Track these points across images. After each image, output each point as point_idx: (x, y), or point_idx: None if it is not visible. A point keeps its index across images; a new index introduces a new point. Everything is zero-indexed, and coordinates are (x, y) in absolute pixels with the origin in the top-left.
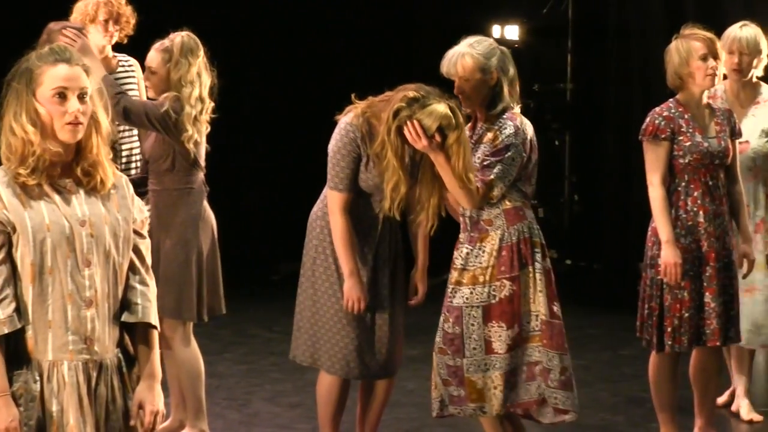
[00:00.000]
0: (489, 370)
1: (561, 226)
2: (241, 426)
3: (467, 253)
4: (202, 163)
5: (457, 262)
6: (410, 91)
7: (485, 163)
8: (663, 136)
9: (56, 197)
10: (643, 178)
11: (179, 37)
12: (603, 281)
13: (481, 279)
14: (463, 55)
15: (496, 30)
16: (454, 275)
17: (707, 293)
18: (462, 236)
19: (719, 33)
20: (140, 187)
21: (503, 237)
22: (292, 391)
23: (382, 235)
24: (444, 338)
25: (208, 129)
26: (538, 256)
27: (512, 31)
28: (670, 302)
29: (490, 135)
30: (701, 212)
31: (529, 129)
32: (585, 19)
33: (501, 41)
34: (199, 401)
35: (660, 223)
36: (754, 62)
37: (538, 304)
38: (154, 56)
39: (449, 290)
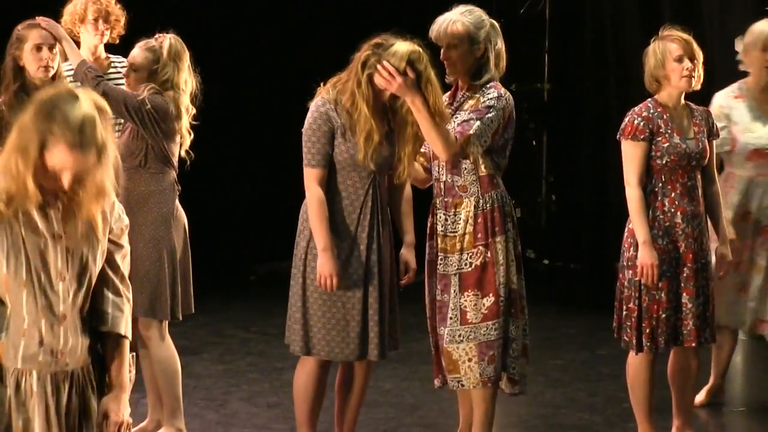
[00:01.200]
0: (463, 341)
1: (538, 226)
2: (219, 426)
3: (445, 219)
4: (175, 162)
5: (439, 228)
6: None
7: (464, 119)
8: (642, 136)
9: (34, 212)
10: (620, 179)
11: (167, 40)
12: (580, 281)
13: (458, 246)
14: (453, 22)
15: None
16: (438, 243)
17: (684, 294)
18: (435, 201)
19: (697, 32)
20: None
21: (478, 204)
22: (270, 391)
23: (368, 214)
24: (436, 306)
25: (192, 135)
26: (510, 225)
27: None
28: (647, 303)
29: (471, 102)
30: (678, 213)
31: (511, 102)
32: (562, 19)
33: None
34: (176, 400)
35: (637, 223)
36: None
37: (511, 273)
38: (137, 53)
39: (439, 258)
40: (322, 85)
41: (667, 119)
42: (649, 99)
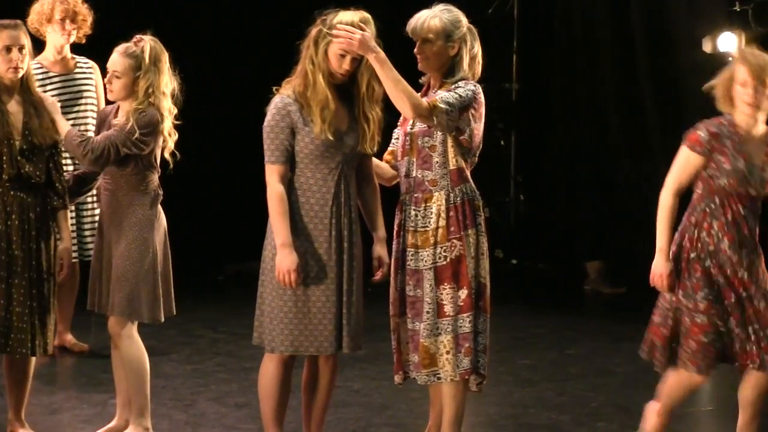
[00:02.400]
0: (441, 334)
1: (507, 226)
2: (187, 426)
3: (415, 215)
4: (157, 165)
5: (408, 224)
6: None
7: (434, 93)
8: (699, 149)
9: None
10: (587, 179)
11: (147, 44)
12: (549, 281)
13: (431, 240)
14: (432, 17)
15: None
16: (408, 238)
17: (732, 319)
18: (404, 198)
19: (666, 33)
20: (88, 183)
21: (449, 197)
22: (238, 391)
23: (336, 210)
24: (408, 301)
25: (176, 136)
26: (480, 219)
27: None
28: (688, 325)
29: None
30: (726, 239)
31: (481, 95)
32: (530, 19)
33: None
34: (144, 399)
35: (659, 229)
36: None
37: (481, 267)
38: (119, 60)
39: (409, 254)
40: (275, 90)
41: (736, 141)
42: (726, 115)
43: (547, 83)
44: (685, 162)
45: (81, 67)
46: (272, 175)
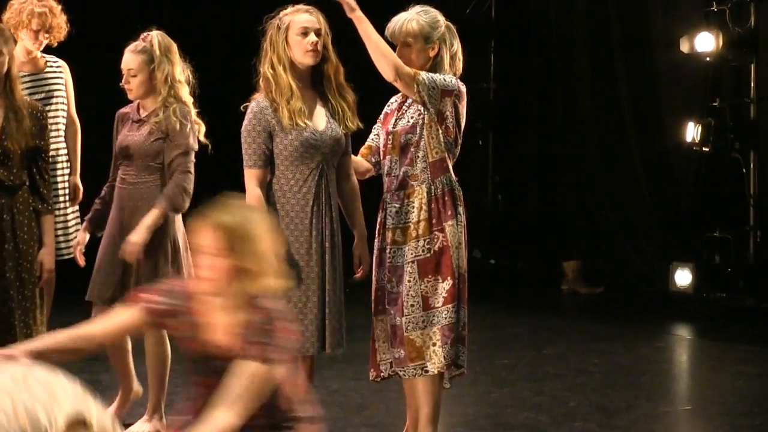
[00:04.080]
0: (427, 326)
1: (484, 226)
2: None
3: (396, 211)
4: None
5: (389, 221)
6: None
7: None
8: None
9: None
10: (564, 178)
11: (155, 37)
12: (526, 281)
13: (413, 234)
14: (408, 20)
15: None
16: (388, 236)
17: None
18: (386, 196)
19: (642, 33)
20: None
21: (430, 190)
22: None
23: (317, 210)
24: (388, 298)
25: (203, 124)
26: (460, 209)
27: None
28: None
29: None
30: None
31: (464, 88)
32: (508, 19)
33: None
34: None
35: None
36: None
37: (460, 258)
38: (132, 59)
39: (388, 251)
40: (243, 108)
41: None
42: None
43: (524, 83)
44: None
45: (51, 66)
46: (250, 179)
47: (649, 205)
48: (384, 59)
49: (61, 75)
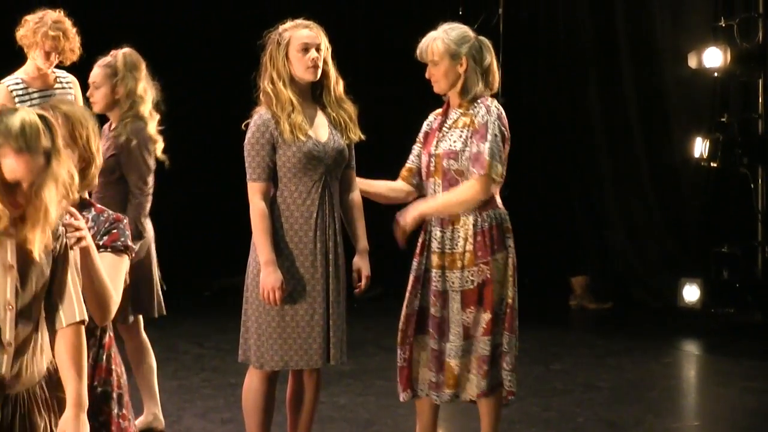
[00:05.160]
0: (464, 355)
1: None
2: None
3: (441, 236)
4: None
5: (434, 245)
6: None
7: (474, 152)
8: None
9: None
10: (572, 193)
11: (121, 54)
12: (534, 296)
13: (459, 264)
14: (435, 40)
15: None
16: (434, 259)
17: None
18: (431, 219)
19: (651, 48)
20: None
21: (476, 223)
22: (224, 406)
23: (321, 223)
24: (432, 321)
25: (161, 140)
26: (509, 242)
27: None
28: None
29: (465, 119)
30: None
31: (502, 111)
32: (516, 33)
33: None
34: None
35: None
36: None
37: (508, 289)
38: (97, 72)
39: (433, 274)
40: (244, 127)
41: None
42: None
43: (532, 98)
44: None
45: (61, 82)
46: (254, 192)
47: (657, 221)
48: (466, 204)
49: (71, 91)
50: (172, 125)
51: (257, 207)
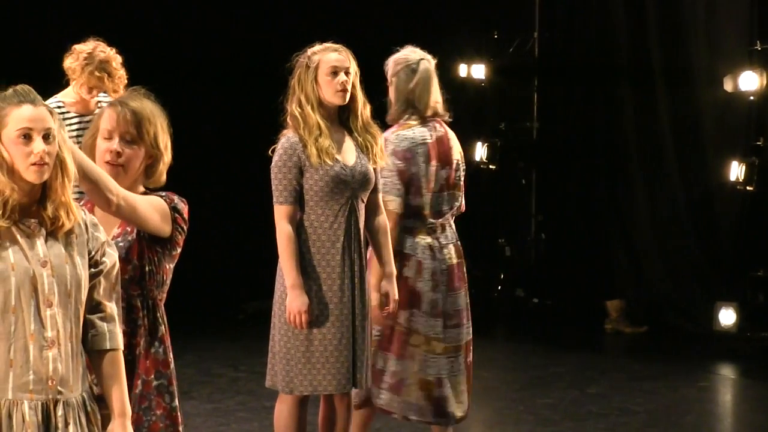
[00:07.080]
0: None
1: (527, 265)
2: None
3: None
4: None
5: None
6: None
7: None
8: None
9: (21, 239)
10: (607, 217)
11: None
12: (569, 320)
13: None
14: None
15: (462, 69)
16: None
17: None
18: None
19: (686, 72)
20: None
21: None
22: (259, 430)
23: (348, 246)
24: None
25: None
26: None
27: (479, 70)
28: None
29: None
30: None
31: (410, 140)
32: (550, 58)
33: (467, 80)
34: None
35: None
36: None
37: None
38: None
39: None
40: (270, 153)
41: None
42: None
43: (567, 122)
44: None
45: (101, 107)
46: (281, 216)
47: (692, 244)
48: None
49: None
50: (204, 152)
51: (284, 230)
